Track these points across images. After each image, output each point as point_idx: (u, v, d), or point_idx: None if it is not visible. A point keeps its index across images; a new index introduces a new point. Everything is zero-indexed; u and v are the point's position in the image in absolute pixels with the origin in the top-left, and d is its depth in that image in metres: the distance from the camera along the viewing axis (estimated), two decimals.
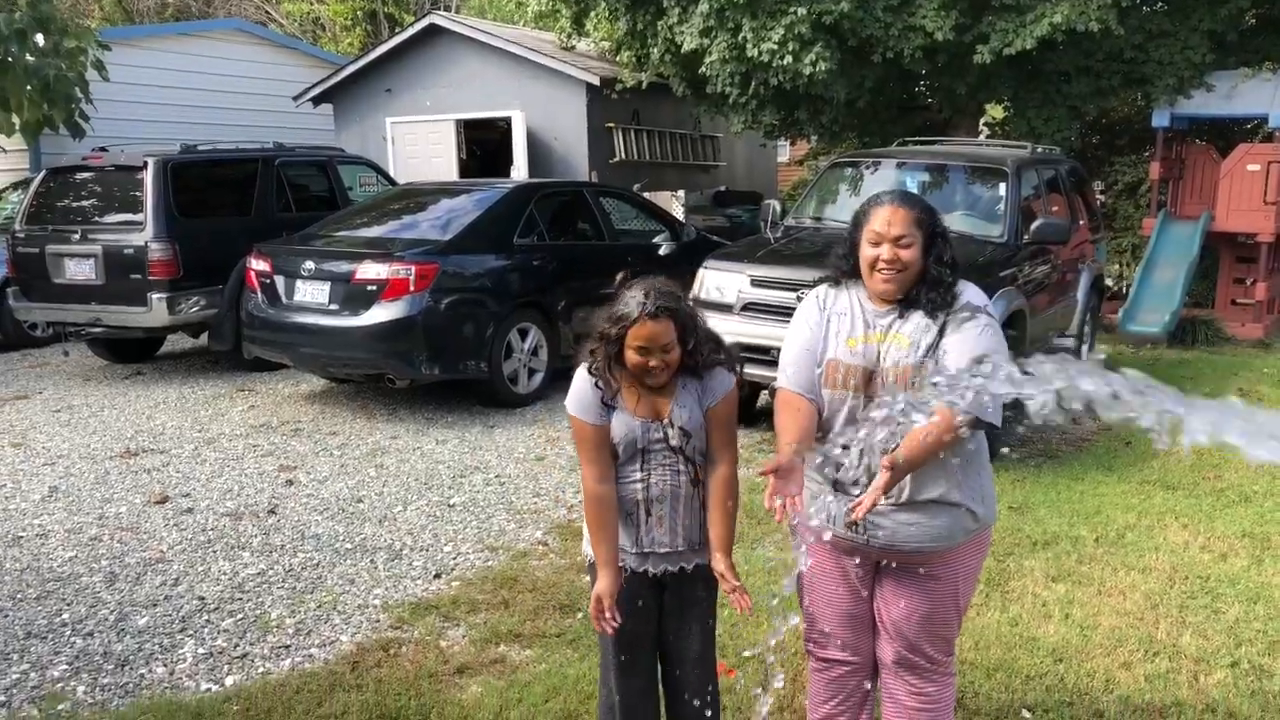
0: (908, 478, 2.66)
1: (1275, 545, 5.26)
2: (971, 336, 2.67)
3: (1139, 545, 5.25)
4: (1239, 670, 4.00)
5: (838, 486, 2.79)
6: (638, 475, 2.89)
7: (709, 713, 3.09)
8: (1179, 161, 12.22)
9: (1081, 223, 9.11)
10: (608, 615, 2.80)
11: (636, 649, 3.01)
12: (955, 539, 2.80)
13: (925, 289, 2.75)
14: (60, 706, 3.83)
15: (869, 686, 3.06)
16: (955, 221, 7.62)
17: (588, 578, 3.02)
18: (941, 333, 2.70)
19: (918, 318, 2.74)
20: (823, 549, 2.93)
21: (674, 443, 2.85)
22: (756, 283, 6.96)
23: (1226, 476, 6.38)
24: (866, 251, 2.77)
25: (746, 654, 4.03)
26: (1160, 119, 11.49)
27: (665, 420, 2.84)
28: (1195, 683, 3.90)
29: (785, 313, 6.78)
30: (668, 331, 2.74)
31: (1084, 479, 6.30)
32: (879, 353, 2.76)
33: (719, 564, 2.81)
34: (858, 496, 2.60)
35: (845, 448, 2.69)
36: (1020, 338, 7.19)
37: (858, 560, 2.89)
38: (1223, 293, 12.18)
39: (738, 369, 2.94)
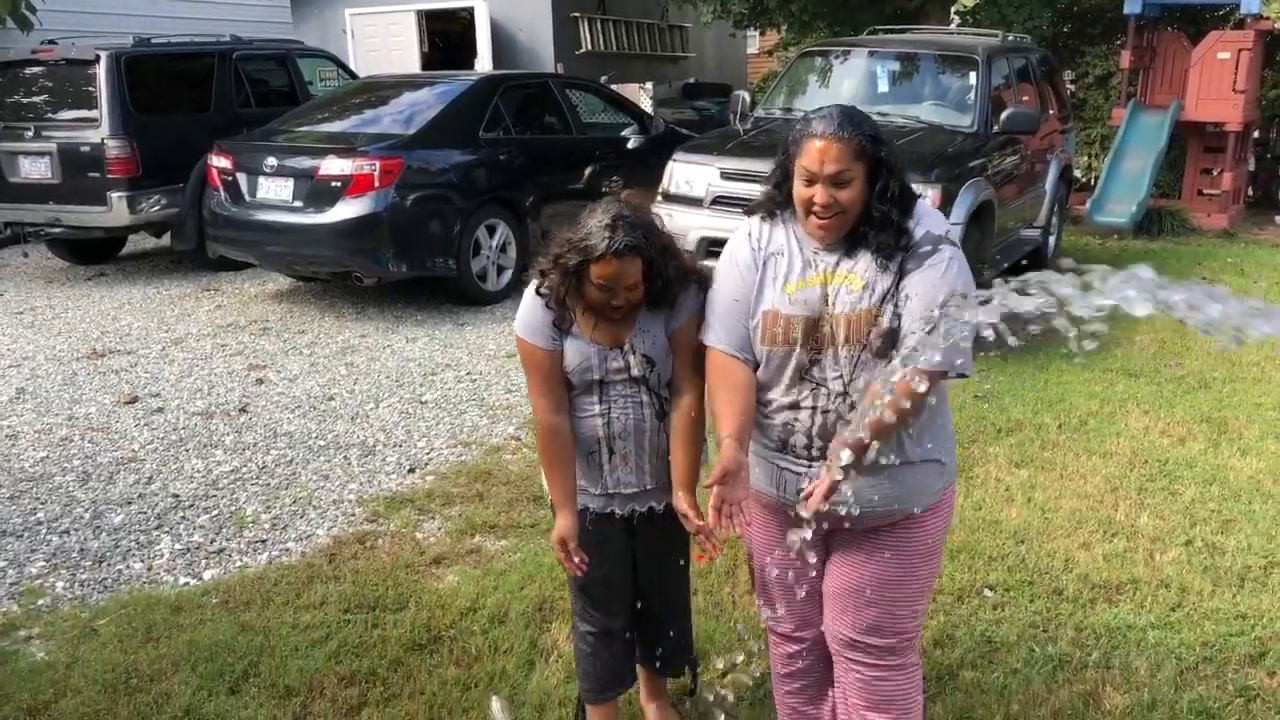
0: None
1: (1232, 429, 5.39)
2: (935, 276, 2.28)
3: (1100, 431, 5.37)
4: (1193, 548, 4.13)
5: (786, 449, 2.44)
6: (596, 409, 2.64)
7: (682, 655, 3.03)
8: (1150, 50, 12.12)
9: (1051, 113, 9.06)
10: (574, 559, 2.63)
11: (610, 592, 2.86)
12: (924, 499, 2.44)
13: (873, 230, 2.32)
14: (40, 601, 3.86)
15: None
16: (925, 112, 7.58)
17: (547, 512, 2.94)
18: (901, 273, 2.29)
19: (868, 257, 2.32)
20: (765, 512, 2.58)
21: (635, 372, 2.59)
22: (726, 175, 6.90)
23: (1187, 364, 6.50)
24: (799, 189, 2.33)
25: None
26: (1132, 5, 11.34)
27: (625, 347, 2.59)
28: (1151, 560, 4.03)
29: None
30: (634, 270, 2.46)
31: (1048, 368, 6.39)
32: (826, 296, 2.33)
33: (680, 502, 2.54)
34: (810, 467, 2.37)
35: (796, 406, 2.36)
36: (988, 229, 7.21)
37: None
38: (1189, 183, 12.21)
39: (705, 284, 2.56)
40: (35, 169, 8.93)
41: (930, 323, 2.18)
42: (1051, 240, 9.28)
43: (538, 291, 2.59)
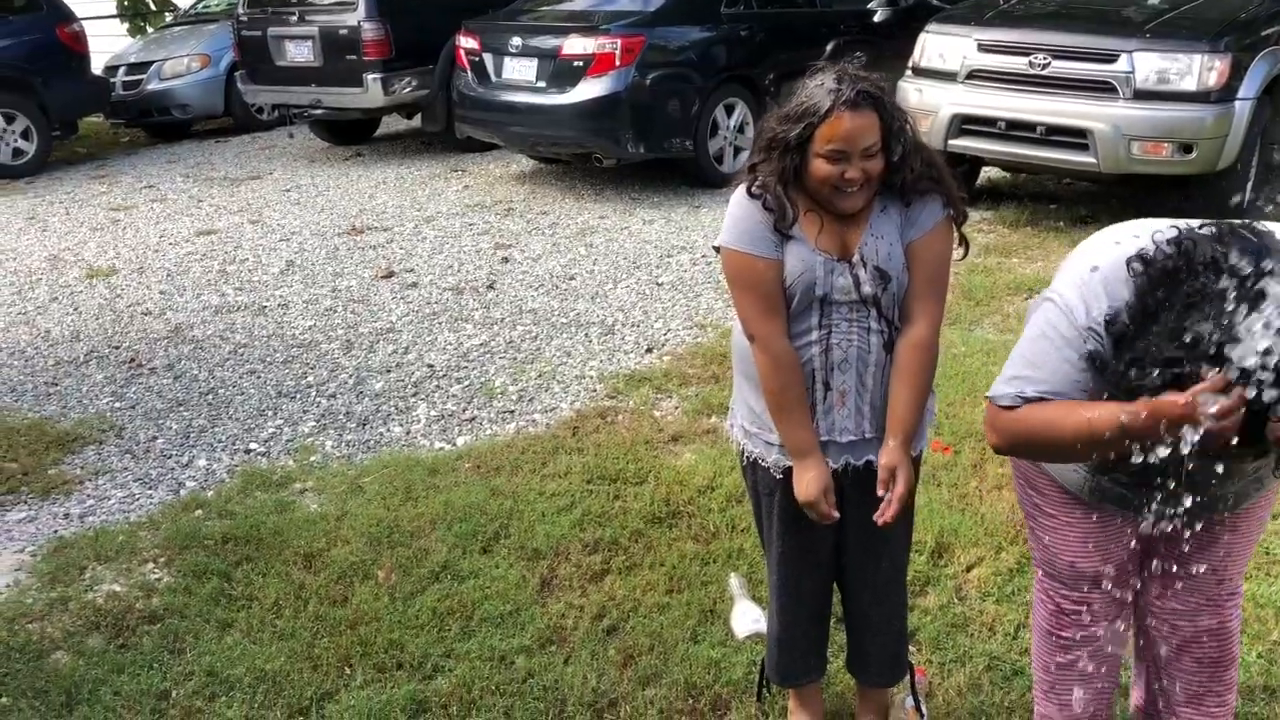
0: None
1: None
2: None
3: None
4: None
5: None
6: (814, 335, 2.20)
7: (896, 649, 2.54)
8: None
9: None
10: (832, 511, 2.24)
11: (805, 566, 2.43)
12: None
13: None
14: (312, 458, 4.17)
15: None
16: None
17: (745, 478, 2.51)
18: None
19: None
20: (1073, 507, 2.15)
21: (866, 289, 2.15)
22: (984, 48, 6.47)
23: None
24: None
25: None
26: None
27: (855, 259, 2.16)
28: None
29: (1015, 81, 6.34)
30: (871, 127, 2.06)
31: None
32: None
33: (892, 455, 2.18)
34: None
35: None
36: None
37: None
38: None
39: (956, 204, 2.21)
40: (299, 53, 9.40)
41: None
42: None
43: (749, 192, 2.17)
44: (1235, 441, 1.58)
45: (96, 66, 11.02)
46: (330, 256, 6.82)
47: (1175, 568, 2.13)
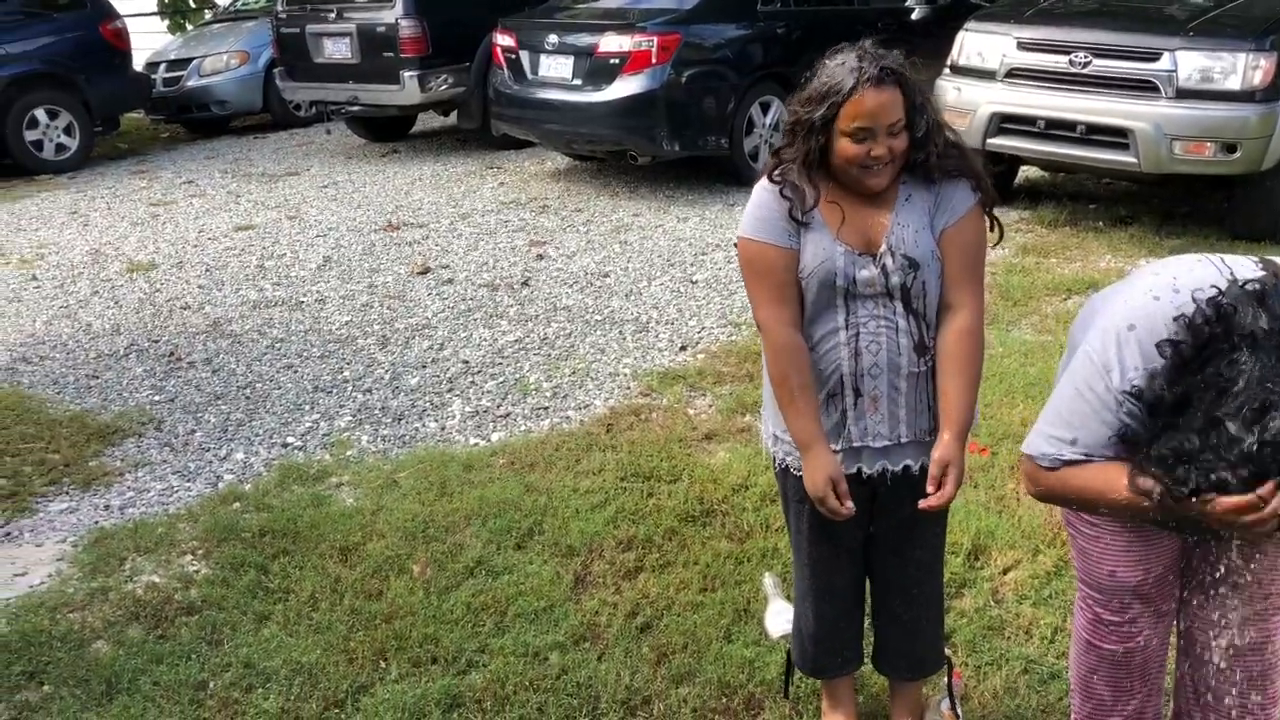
0: None
1: None
2: None
3: None
4: None
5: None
6: (841, 336, 2.14)
7: (932, 658, 2.51)
8: None
9: None
10: (843, 504, 2.15)
11: (837, 568, 2.41)
12: None
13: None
14: (348, 453, 4.20)
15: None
16: None
17: (778, 484, 2.48)
18: None
19: None
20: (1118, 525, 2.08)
21: (894, 280, 2.10)
22: (1024, 46, 6.40)
23: None
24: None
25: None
26: None
27: (881, 250, 2.11)
28: None
29: (1055, 79, 6.28)
30: (895, 104, 2.03)
31: None
32: None
33: (946, 450, 2.10)
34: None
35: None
36: None
37: None
38: None
39: (985, 186, 2.18)
40: (337, 50, 9.47)
41: None
42: None
43: (770, 179, 2.15)
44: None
45: (138, 63, 11.17)
46: (366, 252, 6.86)
47: (1219, 579, 2.10)
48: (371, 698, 2.78)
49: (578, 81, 7.77)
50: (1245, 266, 1.79)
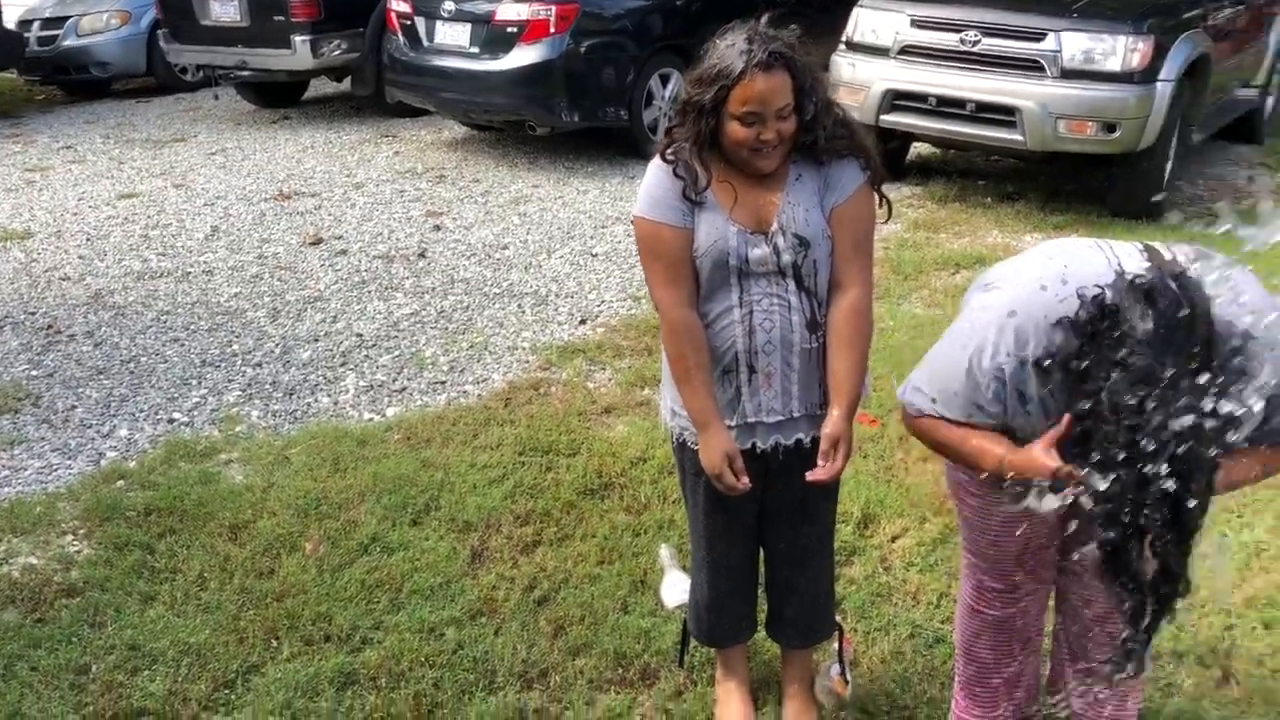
0: None
1: None
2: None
3: None
4: None
5: None
6: (735, 315, 2.17)
7: (822, 625, 2.58)
8: None
9: None
10: (739, 480, 2.19)
11: (732, 540, 2.45)
12: None
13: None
14: (238, 429, 4.10)
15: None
16: None
17: (675, 458, 2.51)
18: None
19: None
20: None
21: (785, 258, 2.13)
22: (916, 23, 6.51)
23: None
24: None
25: None
26: None
27: (772, 229, 2.14)
28: None
29: (946, 57, 6.40)
30: (784, 88, 2.04)
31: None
32: None
33: (836, 425, 2.16)
34: None
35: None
36: (1202, 87, 6.63)
37: None
38: None
39: (874, 164, 2.21)
40: (225, 12, 9.15)
41: None
42: (1270, 102, 8.50)
43: (663, 158, 2.17)
44: None
45: (9, 20, 10.63)
46: (257, 222, 6.68)
47: (1092, 543, 2.19)
48: (263, 677, 2.73)
49: (475, 49, 7.65)
50: (1132, 257, 1.85)
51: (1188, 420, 1.60)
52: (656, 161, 2.19)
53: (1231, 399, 1.62)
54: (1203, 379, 1.62)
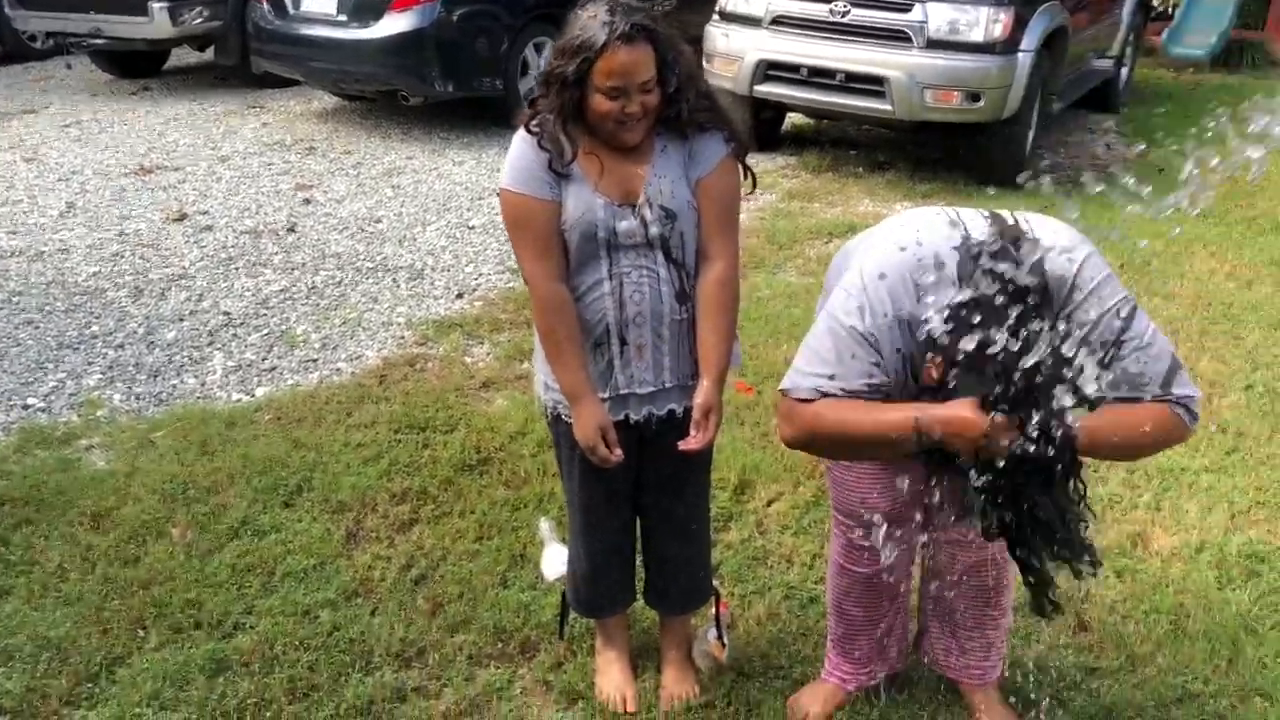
0: None
1: None
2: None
3: (1164, 273, 5.21)
4: (1253, 393, 4.05)
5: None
6: (605, 287, 2.18)
7: (699, 592, 2.62)
8: None
9: None
10: (612, 452, 2.21)
11: (609, 511, 2.47)
12: None
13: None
14: (99, 413, 3.94)
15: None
16: None
17: (550, 432, 2.50)
18: None
19: None
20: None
21: (653, 230, 2.14)
22: None
23: (1259, 205, 6.25)
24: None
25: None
26: None
27: (639, 201, 2.14)
28: (1209, 404, 3.95)
29: (817, 27, 6.48)
30: (647, 61, 2.05)
31: (1112, 206, 6.17)
32: None
33: (707, 395, 2.19)
34: None
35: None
36: (1060, 57, 6.87)
37: None
38: (1276, 12, 11.52)
39: (738, 136, 2.24)
40: None
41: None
42: (1124, 72, 8.86)
43: (527, 129, 2.15)
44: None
45: None
46: (116, 198, 6.40)
47: (954, 504, 2.27)
48: (129, 668, 2.65)
49: (343, 17, 7.46)
50: (978, 224, 1.95)
51: (1044, 358, 1.72)
52: (521, 133, 2.16)
53: (1073, 343, 1.76)
54: (1045, 325, 1.75)
